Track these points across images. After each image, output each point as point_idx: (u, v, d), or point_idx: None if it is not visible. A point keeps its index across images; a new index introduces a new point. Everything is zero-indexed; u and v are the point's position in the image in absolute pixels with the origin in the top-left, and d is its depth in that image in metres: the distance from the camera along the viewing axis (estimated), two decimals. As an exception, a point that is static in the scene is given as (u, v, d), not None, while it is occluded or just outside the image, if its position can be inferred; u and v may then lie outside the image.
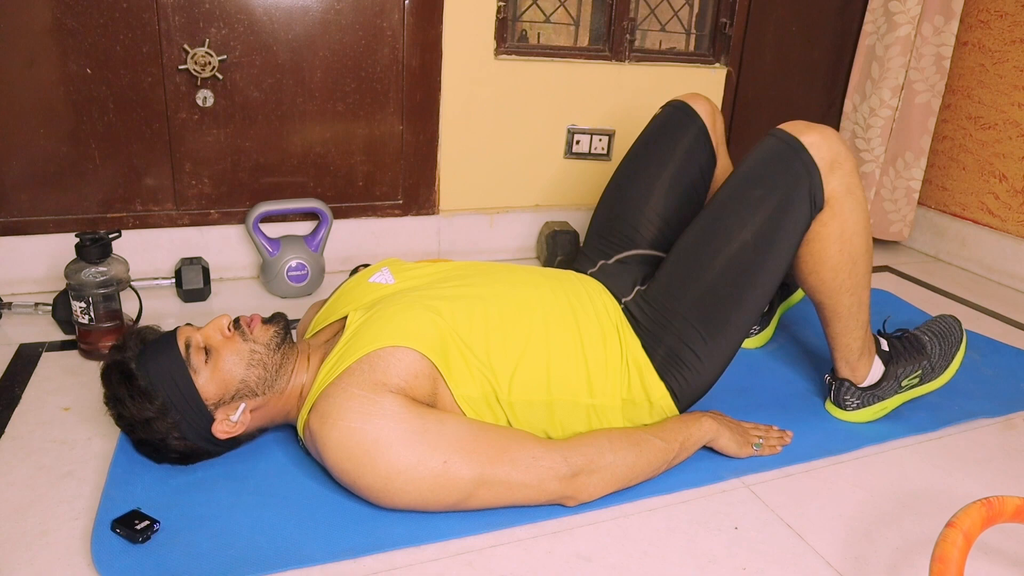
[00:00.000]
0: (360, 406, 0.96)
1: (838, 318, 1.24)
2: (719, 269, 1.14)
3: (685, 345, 1.15)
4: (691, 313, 1.15)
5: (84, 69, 1.57)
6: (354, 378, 0.99)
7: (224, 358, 1.02)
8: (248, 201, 1.79)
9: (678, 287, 1.16)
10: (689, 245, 1.18)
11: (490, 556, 0.96)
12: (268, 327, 1.08)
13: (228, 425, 1.04)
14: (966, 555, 0.82)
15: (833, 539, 1.04)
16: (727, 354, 1.18)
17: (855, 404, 1.32)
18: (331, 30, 1.73)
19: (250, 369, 1.03)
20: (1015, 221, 2.12)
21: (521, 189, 2.07)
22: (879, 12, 2.14)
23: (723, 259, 1.13)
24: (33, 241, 1.65)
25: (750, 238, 1.13)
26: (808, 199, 1.13)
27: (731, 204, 1.15)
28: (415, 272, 1.21)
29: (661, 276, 1.20)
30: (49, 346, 1.44)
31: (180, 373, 1.00)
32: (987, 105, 2.16)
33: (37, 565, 0.90)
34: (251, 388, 1.04)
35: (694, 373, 1.16)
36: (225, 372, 1.02)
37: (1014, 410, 1.41)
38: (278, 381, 1.06)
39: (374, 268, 1.23)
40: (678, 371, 1.16)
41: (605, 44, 2.02)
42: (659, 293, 1.19)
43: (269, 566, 0.91)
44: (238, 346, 1.04)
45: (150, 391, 0.99)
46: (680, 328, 1.15)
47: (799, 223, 1.14)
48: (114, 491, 1.02)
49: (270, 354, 1.06)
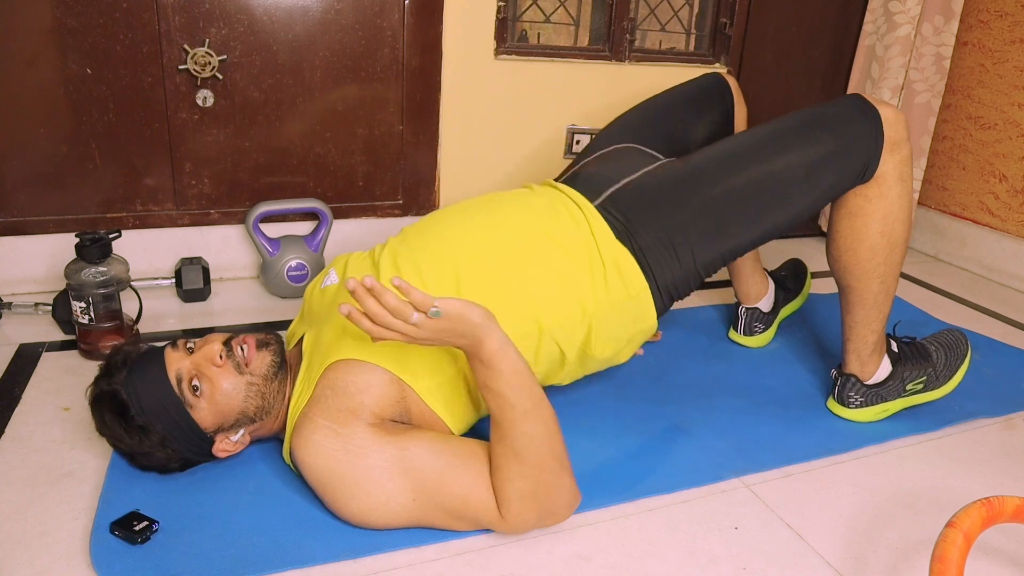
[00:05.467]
0: (327, 441, 0.95)
1: (863, 305, 1.24)
2: (755, 179, 1.13)
3: (685, 237, 1.13)
4: (710, 208, 1.13)
5: (84, 69, 1.57)
6: (320, 406, 0.98)
7: (220, 390, 0.99)
8: (248, 201, 1.79)
9: (708, 178, 1.14)
10: (735, 147, 1.17)
11: (490, 556, 0.96)
12: (264, 355, 1.04)
13: (229, 445, 1.04)
14: (966, 555, 0.82)
15: (833, 539, 1.04)
16: (717, 263, 1.17)
17: (858, 402, 1.32)
18: (331, 30, 1.73)
19: (248, 400, 1.02)
20: (1015, 221, 2.12)
21: (521, 189, 2.07)
22: (879, 12, 2.14)
23: (764, 172, 1.13)
24: (33, 241, 1.65)
25: (798, 168, 1.13)
26: (863, 163, 1.14)
27: (794, 129, 1.16)
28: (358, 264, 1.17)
29: (689, 163, 1.17)
30: (49, 346, 1.44)
31: (175, 408, 0.98)
32: (987, 105, 2.16)
33: (37, 565, 0.90)
34: (250, 417, 1.03)
35: (683, 269, 1.14)
36: (222, 404, 1.00)
37: (1014, 410, 1.41)
38: (275, 406, 1.05)
39: (324, 272, 1.21)
40: (665, 262, 1.13)
41: (605, 44, 2.02)
42: (680, 177, 1.16)
43: (269, 566, 0.91)
44: (234, 378, 1.01)
45: (147, 426, 0.98)
46: (689, 219, 1.13)
47: (845, 180, 1.15)
48: (113, 492, 1.02)
49: (267, 384, 1.03)
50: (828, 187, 1.15)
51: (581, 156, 1.37)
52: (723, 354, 1.56)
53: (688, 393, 1.38)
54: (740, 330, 1.61)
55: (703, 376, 1.46)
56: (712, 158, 1.17)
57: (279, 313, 1.66)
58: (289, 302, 1.73)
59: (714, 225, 1.14)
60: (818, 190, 1.15)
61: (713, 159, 1.17)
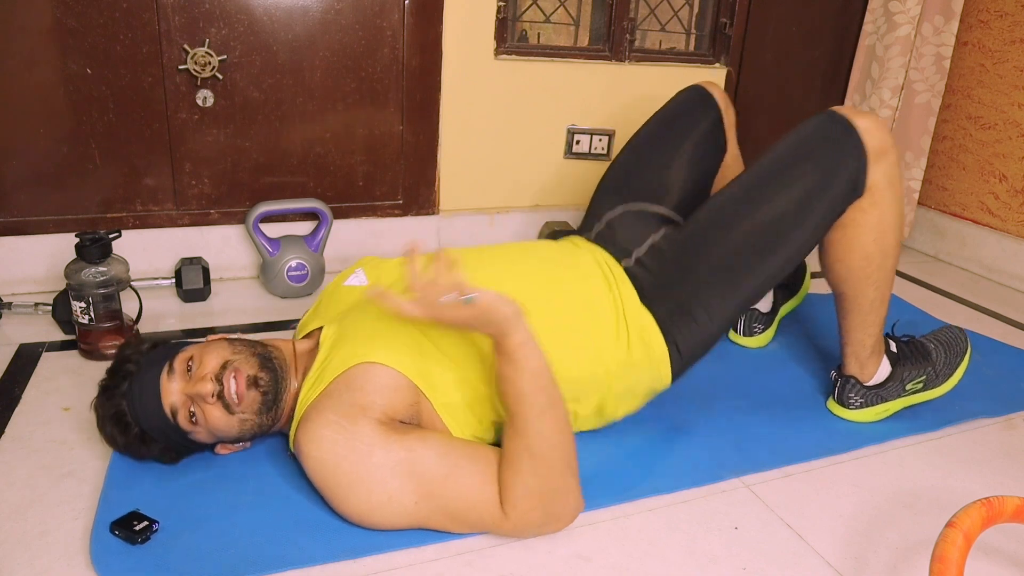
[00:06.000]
0: (334, 435, 0.95)
1: (858, 311, 1.24)
2: (750, 231, 1.13)
3: (699, 300, 1.14)
4: (716, 268, 1.14)
5: (84, 69, 1.57)
6: (331, 401, 0.98)
7: (214, 423, 1.01)
8: (248, 201, 1.79)
9: (708, 240, 1.15)
10: (725, 203, 1.17)
11: (490, 556, 0.96)
12: (254, 394, 1.02)
13: (229, 448, 1.09)
14: (966, 555, 0.82)
15: (833, 539, 1.04)
16: (734, 315, 1.18)
17: (858, 403, 1.32)
18: (331, 30, 1.73)
19: (244, 430, 1.04)
20: (1015, 221, 2.12)
21: (521, 189, 2.07)
22: (879, 12, 2.14)
23: (757, 222, 1.13)
24: (33, 241, 1.65)
25: (790, 206, 1.12)
26: (850, 182, 1.13)
27: (777, 170, 1.15)
28: (388, 271, 1.19)
29: (688, 228, 1.19)
30: (49, 346, 1.44)
31: (173, 431, 1.02)
32: (987, 105, 2.16)
33: (37, 565, 0.90)
34: (247, 437, 1.07)
35: (700, 329, 1.15)
36: (219, 432, 1.03)
37: (1014, 410, 1.41)
38: (275, 423, 1.07)
39: (350, 270, 1.22)
40: (684, 325, 1.14)
41: (605, 44, 2.02)
42: (683, 244, 1.17)
43: (269, 566, 0.91)
44: (226, 417, 1.01)
45: (149, 440, 1.02)
46: (699, 281, 1.14)
47: (837, 203, 1.14)
48: (113, 492, 1.02)
49: (261, 416, 1.04)
50: (824, 214, 1.15)
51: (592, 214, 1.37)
52: (723, 354, 1.56)
53: (688, 393, 1.38)
54: (739, 330, 1.61)
55: (703, 376, 1.45)
56: (705, 221, 1.17)
57: (279, 313, 1.66)
58: (289, 302, 1.73)
59: (723, 283, 1.15)
60: (815, 220, 1.14)
61: (706, 222, 1.17)
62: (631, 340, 1.13)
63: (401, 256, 0.89)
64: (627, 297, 1.15)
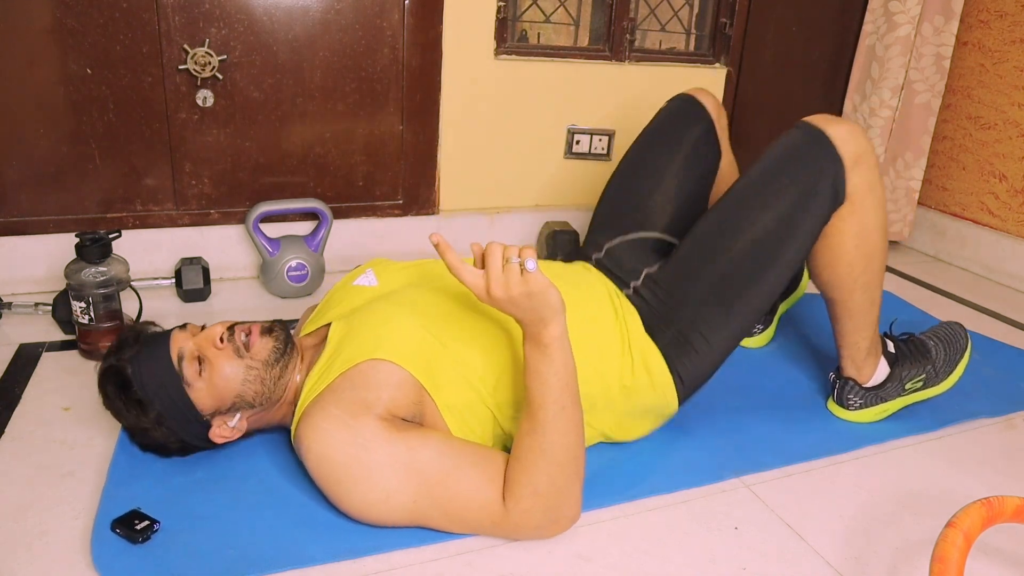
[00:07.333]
0: (336, 430, 0.95)
1: (849, 315, 1.24)
2: (738, 254, 1.13)
3: (696, 328, 1.14)
4: (707, 296, 1.14)
5: (84, 69, 1.57)
6: (335, 396, 0.98)
7: (219, 372, 1.00)
8: (248, 201, 1.79)
9: (695, 270, 1.16)
10: (709, 229, 1.17)
11: (490, 556, 0.96)
12: (267, 340, 1.04)
13: (226, 431, 1.05)
14: (966, 555, 0.82)
15: (833, 539, 1.04)
16: (734, 341, 1.18)
17: (858, 404, 1.32)
18: (331, 30, 1.73)
19: (246, 385, 1.02)
20: (1015, 221, 2.12)
21: (521, 189, 2.07)
22: (879, 12, 2.14)
23: (743, 244, 1.13)
24: (33, 241, 1.65)
25: (772, 225, 1.12)
26: (831, 192, 1.13)
27: (754, 191, 1.15)
28: (398, 272, 1.19)
29: (676, 258, 1.19)
30: (49, 346, 1.44)
31: (173, 385, 1.00)
32: (987, 105, 2.16)
33: (37, 565, 0.90)
34: (247, 402, 1.04)
35: (701, 357, 1.15)
36: (220, 386, 1.01)
37: (1014, 410, 1.41)
38: (275, 392, 1.05)
39: (360, 270, 1.22)
40: (685, 355, 1.15)
41: (605, 44, 2.02)
42: (674, 275, 1.18)
43: (269, 566, 0.91)
44: (234, 361, 1.01)
45: (145, 403, 1.00)
46: (693, 311, 1.15)
47: (820, 215, 1.14)
48: (114, 491, 1.02)
49: (268, 369, 1.03)
50: (810, 227, 1.14)
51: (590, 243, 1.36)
52: (723, 354, 1.56)
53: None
54: (740, 330, 1.61)
55: (703, 376, 1.46)
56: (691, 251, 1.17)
57: (279, 313, 1.66)
58: (289, 302, 1.73)
59: (717, 312, 1.14)
60: (801, 235, 1.14)
61: (692, 252, 1.17)
62: (635, 366, 1.13)
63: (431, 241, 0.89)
64: (632, 326, 1.16)
